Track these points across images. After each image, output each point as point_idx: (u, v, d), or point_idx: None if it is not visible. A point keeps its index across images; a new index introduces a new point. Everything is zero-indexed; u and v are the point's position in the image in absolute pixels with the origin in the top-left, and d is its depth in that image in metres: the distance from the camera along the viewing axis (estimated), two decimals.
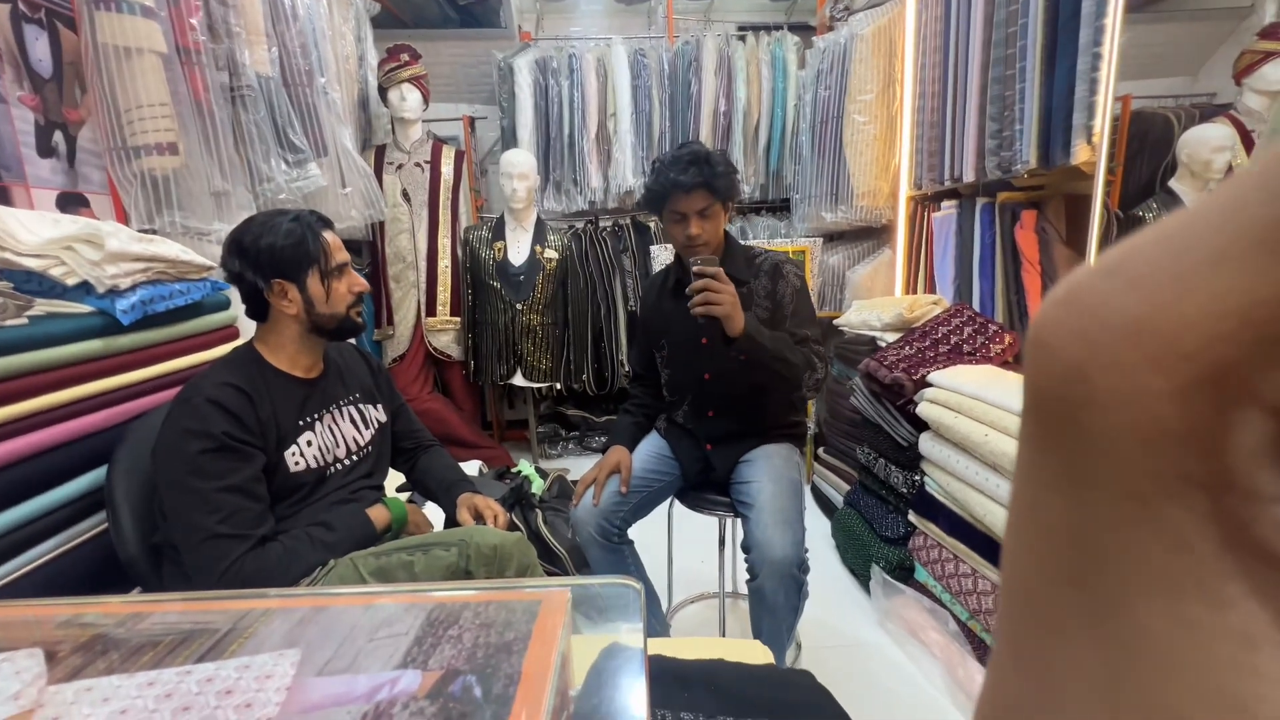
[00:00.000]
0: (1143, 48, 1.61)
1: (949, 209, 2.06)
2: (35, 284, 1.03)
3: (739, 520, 1.35)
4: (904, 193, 2.31)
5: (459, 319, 2.79)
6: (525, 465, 2.18)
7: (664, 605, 1.67)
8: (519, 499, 1.83)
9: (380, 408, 1.21)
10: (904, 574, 1.67)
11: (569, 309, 2.84)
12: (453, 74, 3.15)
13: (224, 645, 0.38)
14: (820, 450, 2.45)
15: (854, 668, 1.51)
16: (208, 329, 1.31)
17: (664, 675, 0.70)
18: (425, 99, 2.67)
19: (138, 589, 1.02)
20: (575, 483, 1.49)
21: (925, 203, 2.22)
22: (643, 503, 1.42)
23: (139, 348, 1.12)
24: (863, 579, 1.80)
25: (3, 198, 1.14)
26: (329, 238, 1.04)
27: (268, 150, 1.68)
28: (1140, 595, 0.11)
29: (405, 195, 2.70)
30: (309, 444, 1.04)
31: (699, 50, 2.83)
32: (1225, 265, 0.10)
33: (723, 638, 1.47)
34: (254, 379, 0.99)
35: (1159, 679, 0.10)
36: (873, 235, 2.69)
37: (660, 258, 2.72)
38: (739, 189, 1.31)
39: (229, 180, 1.52)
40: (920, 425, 1.61)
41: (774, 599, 1.21)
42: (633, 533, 1.44)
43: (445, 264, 2.75)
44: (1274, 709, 0.09)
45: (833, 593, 1.82)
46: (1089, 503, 0.11)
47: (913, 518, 1.66)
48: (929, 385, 1.54)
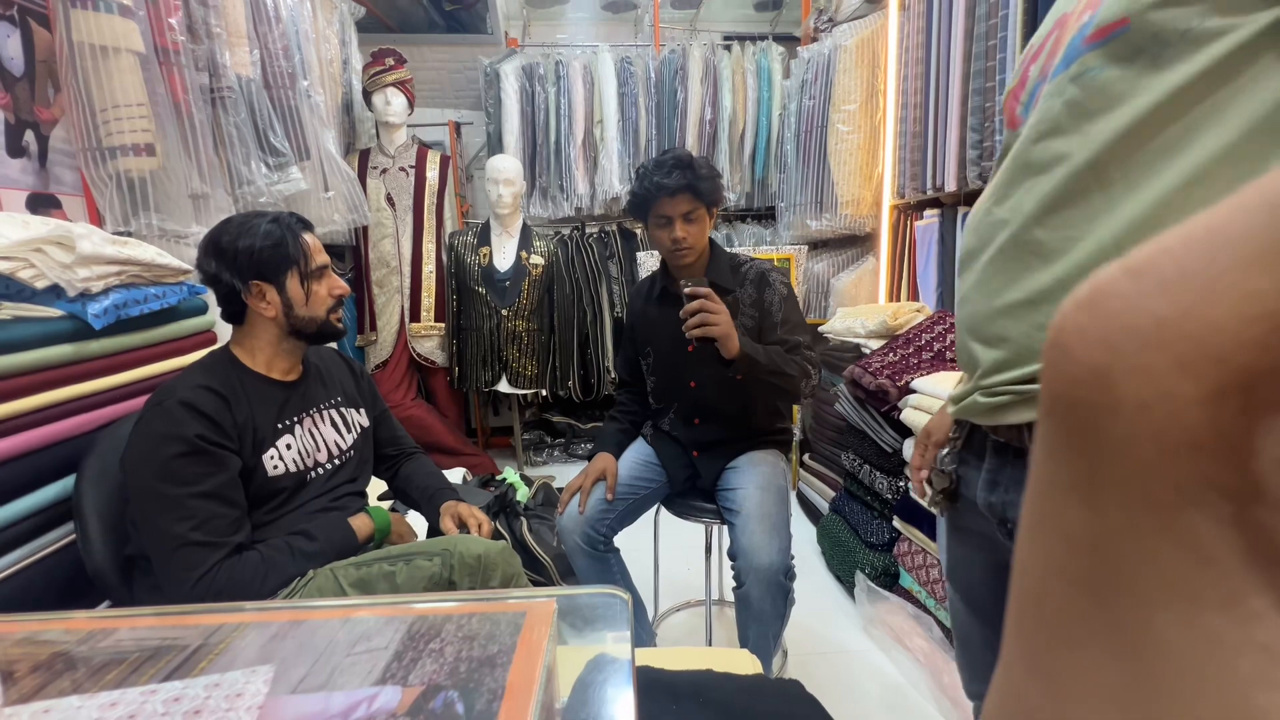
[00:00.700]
0: None
1: (931, 218, 2.09)
2: (2, 287, 1.00)
3: (725, 527, 1.35)
4: (887, 201, 2.34)
5: (443, 325, 2.76)
6: (510, 473, 2.16)
7: (650, 613, 1.66)
8: (503, 507, 1.81)
9: (363, 412, 1.19)
10: (889, 580, 1.68)
11: (555, 315, 2.83)
12: (439, 79, 3.14)
13: (193, 662, 0.37)
14: (805, 457, 2.45)
15: (839, 674, 1.51)
16: (184, 334, 1.28)
17: (653, 687, 0.69)
18: (410, 104, 2.65)
19: (106, 603, 0.98)
20: (561, 490, 1.48)
21: (908, 211, 2.24)
22: (629, 510, 1.41)
23: (111, 353, 1.09)
24: (848, 585, 1.81)
25: None
26: (309, 239, 1.02)
27: (248, 153, 1.65)
28: (1160, 606, 0.10)
29: (389, 200, 2.67)
30: (288, 447, 1.01)
31: (685, 59, 2.85)
32: (1257, 269, 0.09)
33: (710, 648, 1.45)
34: (230, 381, 0.97)
35: (1178, 692, 0.10)
36: (857, 243, 2.72)
37: (646, 264, 2.72)
38: (723, 194, 1.31)
39: (208, 182, 1.49)
40: (904, 431, 1.62)
41: (760, 606, 1.21)
42: (619, 540, 1.42)
43: (430, 269, 2.73)
44: None
45: (818, 599, 1.82)
46: (1108, 510, 0.11)
47: (897, 523, 1.67)
48: (913, 391, 1.55)
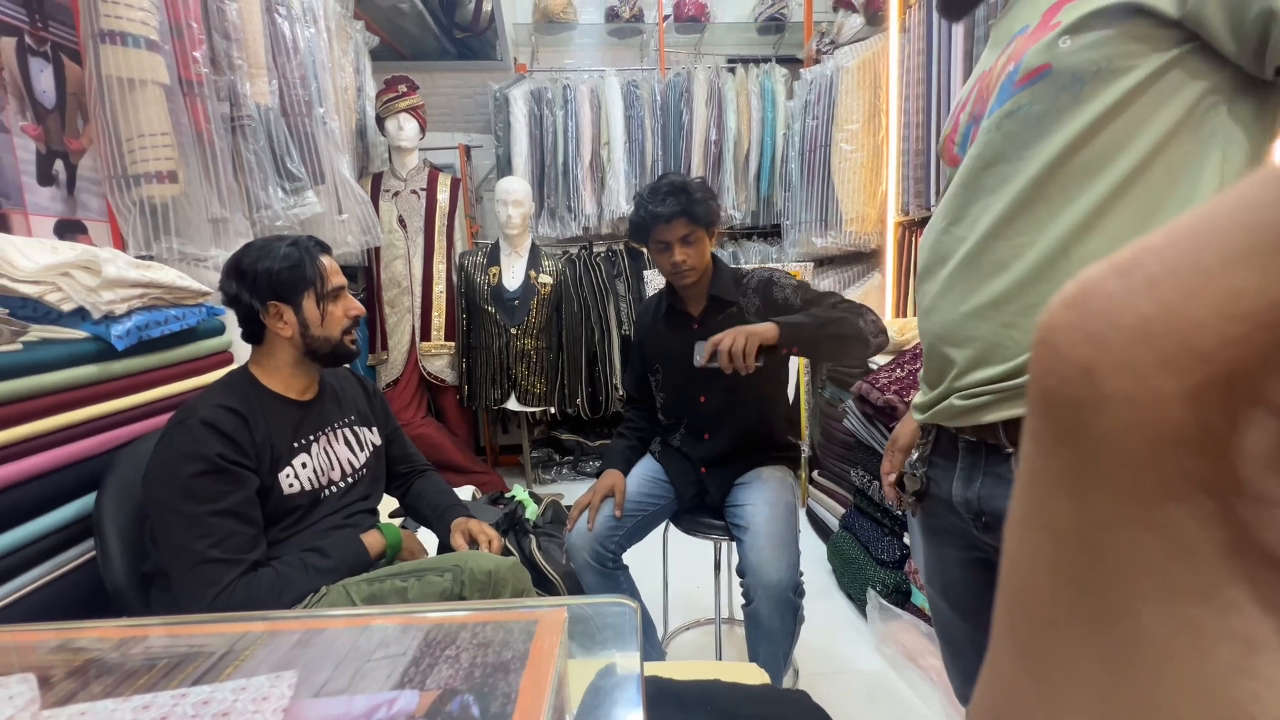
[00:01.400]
0: None
1: None
2: (30, 310, 1.03)
3: (734, 544, 1.35)
4: (892, 218, 2.36)
5: (453, 344, 2.80)
6: (519, 490, 2.17)
7: (660, 632, 1.65)
8: (513, 524, 1.82)
9: (375, 430, 1.21)
10: (901, 598, 1.66)
11: (563, 333, 2.85)
12: (449, 104, 3.22)
13: (220, 668, 0.38)
14: (815, 473, 2.45)
15: (851, 694, 1.49)
16: (202, 354, 1.31)
17: (661, 697, 0.69)
18: (422, 128, 2.72)
19: (123, 619, 1.00)
20: (569, 508, 1.48)
21: (912, 228, 2.26)
22: (637, 527, 1.42)
23: (133, 373, 1.12)
24: (860, 603, 1.79)
25: (2, 225, 1.14)
26: (326, 262, 1.05)
27: (266, 178, 1.70)
28: (1142, 597, 0.10)
29: (401, 222, 2.73)
30: (304, 466, 1.03)
31: (690, 82, 2.91)
32: (1240, 267, 0.10)
33: (719, 661, 1.44)
34: (249, 400, 0.99)
35: (1158, 680, 0.10)
36: (862, 260, 2.73)
37: (654, 282, 2.75)
38: (719, 214, 1.33)
39: (227, 207, 1.53)
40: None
41: (770, 623, 1.20)
42: (627, 557, 1.43)
43: (440, 289, 2.77)
44: (1273, 712, 0.09)
45: (830, 618, 1.81)
46: (1094, 503, 0.11)
47: (908, 540, 1.66)
48: None
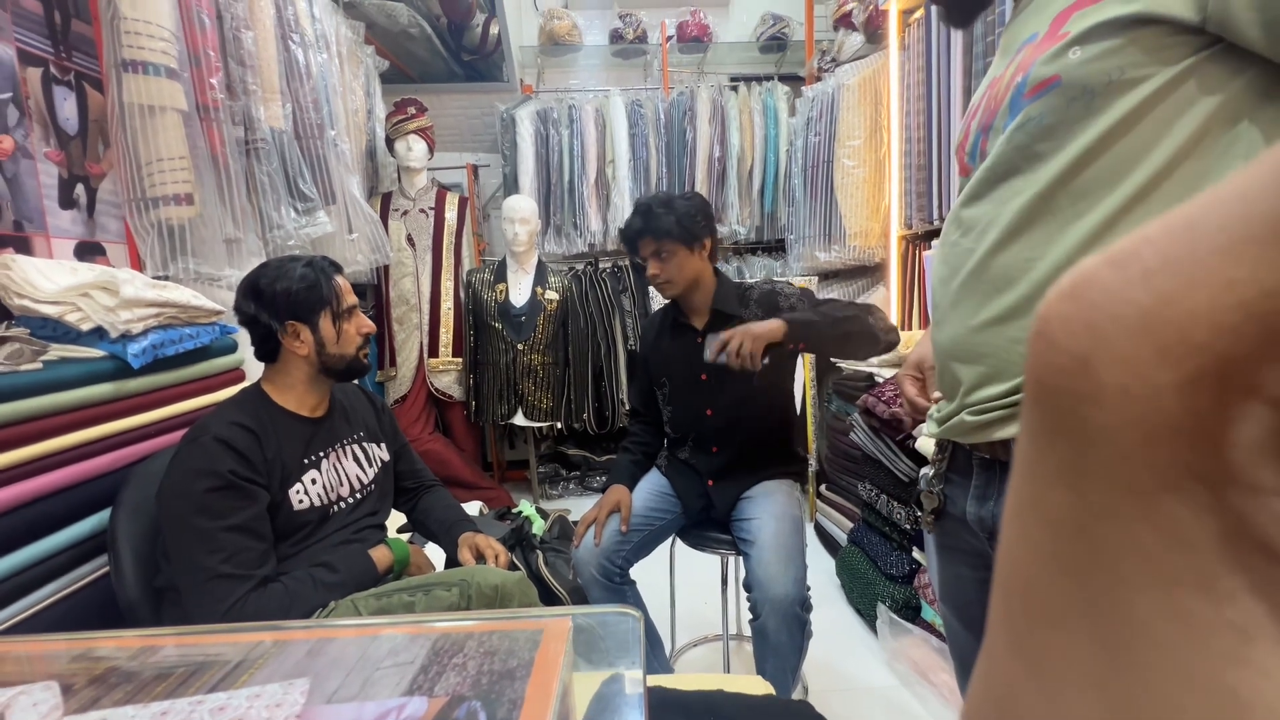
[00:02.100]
0: None
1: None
2: (51, 329, 1.06)
3: (741, 559, 1.34)
4: (895, 232, 2.37)
5: (461, 360, 2.82)
6: (526, 506, 2.17)
7: (668, 648, 1.64)
8: (520, 539, 1.82)
9: (383, 446, 1.23)
10: (911, 613, 1.65)
11: (570, 349, 2.87)
12: (457, 125, 3.28)
13: (235, 676, 0.39)
14: (823, 487, 2.44)
15: (863, 711, 1.47)
16: (214, 372, 1.34)
17: (665, 706, 0.69)
18: (431, 149, 2.77)
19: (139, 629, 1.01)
20: (576, 523, 1.49)
21: (916, 241, 2.28)
22: (644, 542, 1.42)
23: (148, 391, 1.14)
24: (869, 619, 1.77)
25: (24, 248, 1.18)
26: (340, 281, 1.08)
27: (279, 199, 1.74)
28: (1138, 588, 0.11)
29: (410, 240, 2.77)
30: (313, 482, 1.05)
31: (693, 100, 2.95)
32: (1234, 256, 0.10)
33: (724, 674, 1.43)
34: (261, 418, 1.01)
35: (1154, 670, 0.10)
36: (867, 273, 2.75)
37: (659, 297, 2.77)
38: (702, 227, 1.35)
39: (241, 228, 1.57)
40: (920, 460, 1.61)
41: (778, 638, 1.20)
42: (635, 573, 1.43)
43: (448, 306, 2.80)
44: (1268, 701, 0.09)
45: (840, 634, 1.79)
46: (1089, 495, 0.11)
47: (917, 555, 1.65)
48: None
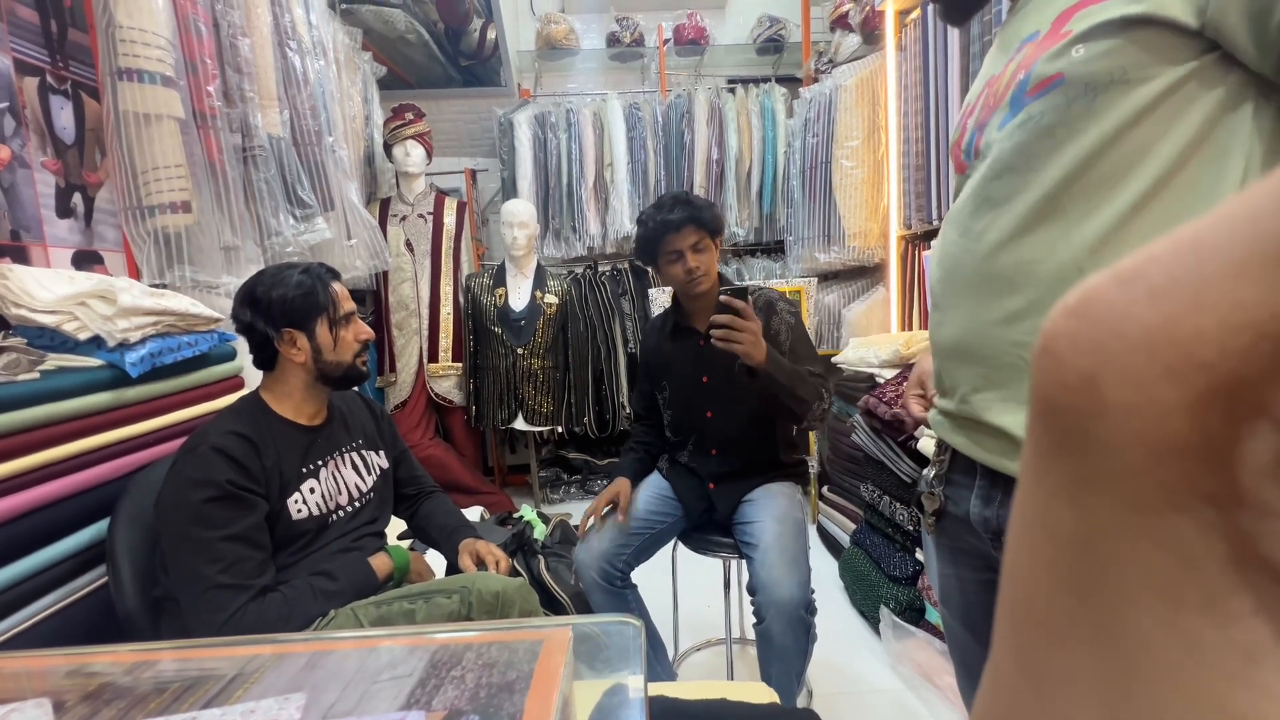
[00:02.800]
0: None
1: None
2: (48, 339, 1.05)
3: (743, 562, 1.34)
4: (894, 233, 2.37)
5: (460, 364, 2.82)
6: (527, 510, 2.16)
7: (671, 653, 1.63)
8: (521, 545, 1.81)
9: (382, 454, 1.22)
10: (915, 615, 1.64)
11: (569, 353, 2.87)
12: (455, 130, 3.28)
13: (230, 690, 0.38)
14: (824, 489, 2.43)
15: (869, 715, 1.46)
16: (213, 380, 1.33)
17: (668, 716, 0.68)
18: (429, 154, 2.77)
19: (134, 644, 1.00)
20: (578, 527, 1.48)
21: (915, 242, 2.27)
22: (645, 545, 1.41)
23: (146, 399, 1.14)
24: (873, 621, 1.76)
25: (22, 257, 1.17)
26: (337, 288, 1.08)
27: (277, 206, 1.73)
28: (1143, 607, 0.10)
29: (409, 245, 2.77)
30: (312, 491, 1.04)
31: (691, 103, 2.95)
32: (1243, 277, 0.09)
33: (726, 681, 1.43)
34: (259, 426, 1.01)
35: (1159, 691, 0.10)
36: (866, 274, 2.74)
37: (658, 300, 2.76)
38: (723, 223, 1.38)
39: (239, 235, 1.56)
40: (922, 460, 1.60)
41: (782, 642, 1.19)
42: (636, 577, 1.42)
43: (447, 311, 2.80)
44: None
45: (843, 636, 1.78)
46: (1095, 512, 0.11)
47: (920, 556, 1.64)
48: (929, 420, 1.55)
